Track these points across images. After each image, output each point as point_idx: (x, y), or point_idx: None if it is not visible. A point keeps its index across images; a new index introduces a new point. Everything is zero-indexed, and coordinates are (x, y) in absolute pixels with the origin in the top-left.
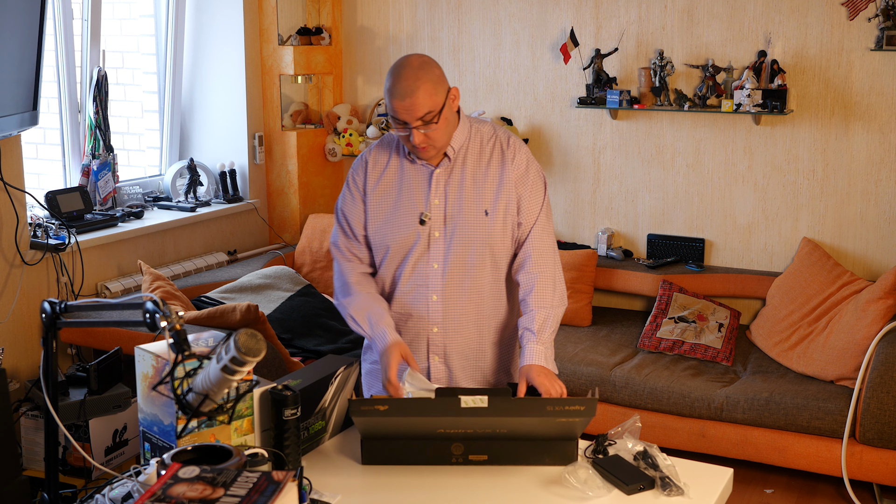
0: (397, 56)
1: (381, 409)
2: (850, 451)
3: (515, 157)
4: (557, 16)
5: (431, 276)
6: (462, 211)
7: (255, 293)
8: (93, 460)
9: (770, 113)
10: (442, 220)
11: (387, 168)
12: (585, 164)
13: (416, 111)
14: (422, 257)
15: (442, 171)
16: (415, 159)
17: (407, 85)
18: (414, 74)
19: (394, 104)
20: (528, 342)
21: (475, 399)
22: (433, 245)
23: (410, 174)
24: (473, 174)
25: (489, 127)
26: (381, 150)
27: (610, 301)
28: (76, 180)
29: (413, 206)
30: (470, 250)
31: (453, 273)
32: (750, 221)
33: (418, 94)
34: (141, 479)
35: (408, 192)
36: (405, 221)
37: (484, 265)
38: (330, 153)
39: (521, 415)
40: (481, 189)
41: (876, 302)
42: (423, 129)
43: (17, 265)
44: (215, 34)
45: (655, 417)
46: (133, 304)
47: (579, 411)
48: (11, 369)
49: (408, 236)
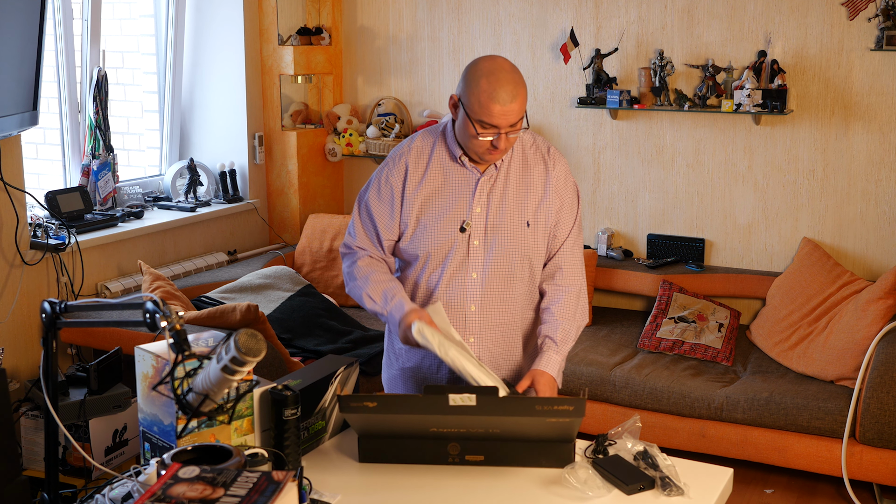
0: (397, 56)
1: (370, 406)
2: (850, 451)
3: (556, 167)
4: (557, 16)
5: (470, 285)
6: (503, 221)
7: (255, 293)
8: (93, 460)
9: (770, 113)
10: (483, 229)
11: (428, 171)
12: (585, 164)
13: (513, 117)
14: (460, 266)
15: (486, 179)
16: (464, 163)
17: (510, 90)
18: (514, 79)
19: (492, 108)
20: (548, 349)
21: (463, 397)
22: (472, 254)
23: (454, 180)
24: (517, 184)
25: (529, 134)
26: (420, 152)
27: (610, 301)
28: (76, 180)
29: (456, 213)
30: (510, 261)
31: (492, 283)
32: (750, 221)
33: (518, 100)
34: (141, 479)
35: (451, 199)
36: (447, 228)
37: (523, 276)
38: (330, 153)
39: (510, 414)
40: (524, 199)
41: (876, 302)
42: (513, 134)
43: (17, 265)
44: (215, 34)
45: (655, 417)
46: (133, 304)
47: (568, 411)
48: (11, 369)
49: (446, 243)
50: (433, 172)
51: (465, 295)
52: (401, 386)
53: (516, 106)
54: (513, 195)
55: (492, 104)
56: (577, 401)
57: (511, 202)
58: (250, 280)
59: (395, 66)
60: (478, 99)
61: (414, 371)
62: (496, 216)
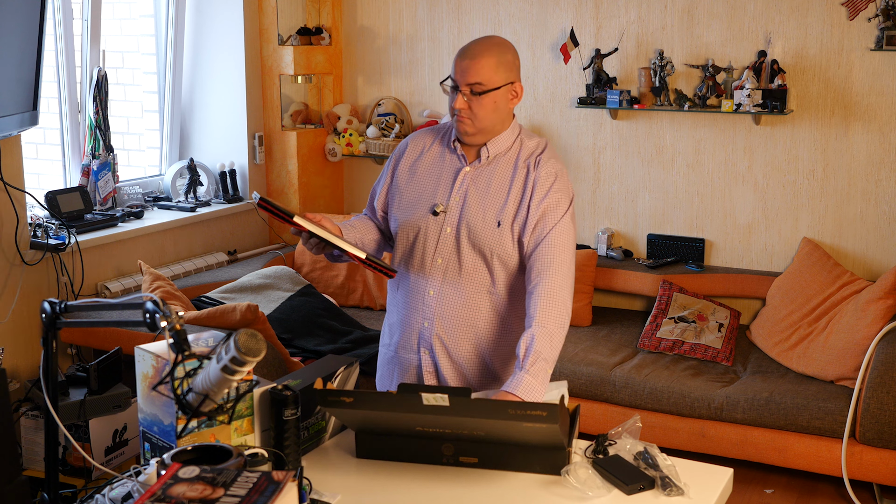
0: (397, 56)
1: (346, 401)
2: (850, 451)
3: (542, 169)
4: (557, 16)
5: (434, 270)
6: (477, 216)
7: (255, 293)
8: (93, 460)
9: (770, 113)
10: (457, 219)
11: (424, 153)
12: (585, 164)
13: (468, 76)
14: (428, 250)
15: (470, 171)
16: (455, 149)
17: (472, 49)
18: (485, 45)
19: (454, 62)
20: (517, 368)
21: (436, 397)
22: (442, 240)
23: (441, 165)
24: (499, 182)
25: (535, 143)
26: (425, 135)
27: (610, 301)
28: (76, 180)
29: (434, 196)
30: (474, 254)
31: (454, 271)
32: (750, 221)
33: (477, 61)
34: (141, 479)
35: (433, 183)
36: (421, 210)
37: (486, 272)
38: (330, 153)
39: (482, 416)
40: (501, 199)
41: (876, 302)
42: (468, 98)
43: (17, 265)
44: (215, 34)
45: (655, 417)
46: (133, 304)
47: (541, 416)
48: (11, 369)
49: (417, 223)
50: (427, 156)
51: (426, 278)
52: (394, 368)
53: (473, 65)
54: (493, 192)
55: (455, 58)
56: (551, 406)
57: (489, 199)
58: (250, 280)
59: (395, 66)
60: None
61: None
62: (472, 209)
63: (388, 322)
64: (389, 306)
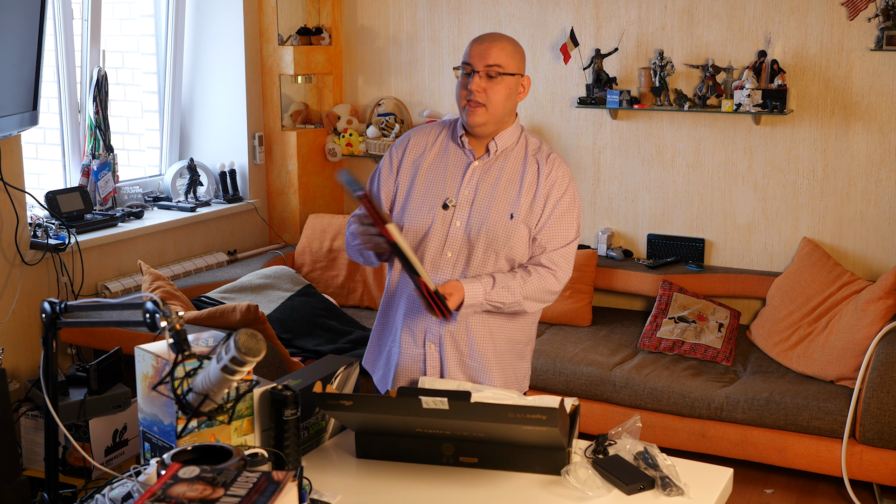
0: (397, 56)
1: (346, 404)
2: (850, 451)
3: (553, 171)
4: (557, 16)
5: (443, 264)
6: (489, 209)
7: (255, 293)
8: (93, 460)
9: (770, 113)
10: (467, 213)
11: (428, 149)
12: (585, 164)
13: (487, 57)
14: (438, 244)
15: (479, 165)
16: (463, 144)
17: (492, 36)
18: (501, 35)
19: (470, 48)
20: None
21: (436, 401)
22: (452, 234)
23: (449, 160)
24: (510, 176)
25: (537, 140)
26: (427, 131)
27: (610, 301)
28: (76, 180)
29: (444, 191)
30: (487, 247)
31: (463, 265)
32: (750, 221)
33: (497, 44)
34: (141, 479)
35: (441, 177)
36: (431, 204)
37: (494, 264)
38: (330, 153)
39: (481, 419)
40: (513, 192)
41: (876, 302)
42: (485, 82)
43: (17, 265)
44: (215, 34)
45: (655, 417)
46: (133, 304)
47: (541, 420)
48: (11, 369)
49: (427, 218)
50: (433, 150)
51: (435, 271)
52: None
53: (494, 49)
54: (503, 186)
55: (472, 44)
56: (551, 410)
57: (500, 192)
58: (250, 280)
59: (395, 66)
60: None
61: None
62: (483, 202)
63: (389, 319)
64: (391, 300)
